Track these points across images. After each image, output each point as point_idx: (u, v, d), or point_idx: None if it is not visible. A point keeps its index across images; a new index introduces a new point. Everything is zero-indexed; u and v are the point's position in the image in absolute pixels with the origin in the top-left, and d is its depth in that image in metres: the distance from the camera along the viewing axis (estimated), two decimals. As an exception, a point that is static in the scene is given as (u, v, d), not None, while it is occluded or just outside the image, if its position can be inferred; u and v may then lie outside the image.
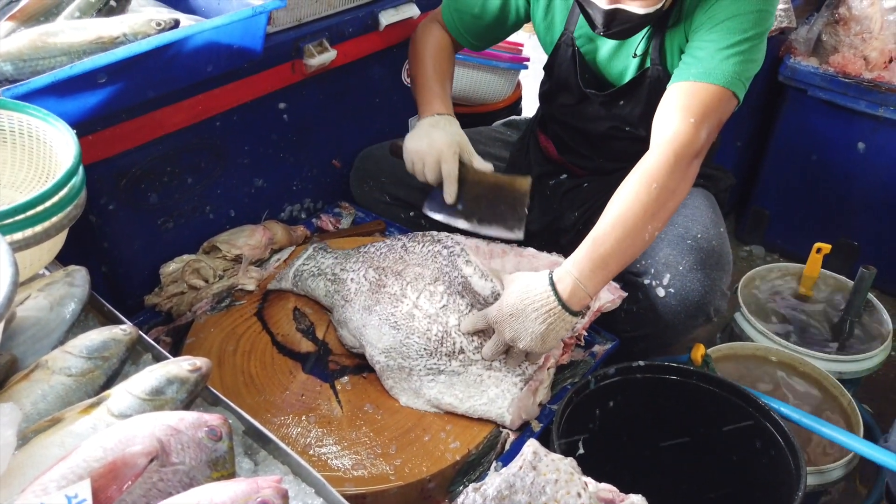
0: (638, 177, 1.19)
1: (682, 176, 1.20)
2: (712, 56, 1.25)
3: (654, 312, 1.37)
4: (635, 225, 1.16)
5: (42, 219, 0.84)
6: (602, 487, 0.86)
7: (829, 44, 2.13)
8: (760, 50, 1.29)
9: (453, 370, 1.24)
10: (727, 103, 1.26)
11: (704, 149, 1.24)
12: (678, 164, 1.19)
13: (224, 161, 1.51)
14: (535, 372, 1.23)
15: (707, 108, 1.23)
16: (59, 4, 1.24)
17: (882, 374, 1.99)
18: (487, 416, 1.22)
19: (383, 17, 1.62)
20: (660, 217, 1.18)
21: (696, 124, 1.22)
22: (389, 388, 1.27)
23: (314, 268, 1.44)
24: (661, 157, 1.19)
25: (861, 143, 2.09)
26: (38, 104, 1.01)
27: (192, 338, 1.37)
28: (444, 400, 1.23)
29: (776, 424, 1.19)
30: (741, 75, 1.25)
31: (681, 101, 1.25)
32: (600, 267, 1.15)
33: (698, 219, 1.39)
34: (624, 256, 1.17)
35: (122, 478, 0.63)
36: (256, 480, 0.66)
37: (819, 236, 1.89)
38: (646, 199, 1.17)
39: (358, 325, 1.31)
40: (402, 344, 1.25)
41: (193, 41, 1.22)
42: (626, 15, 1.28)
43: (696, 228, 1.37)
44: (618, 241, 1.16)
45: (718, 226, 1.41)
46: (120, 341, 0.82)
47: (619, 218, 1.17)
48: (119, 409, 0.72)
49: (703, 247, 1.35)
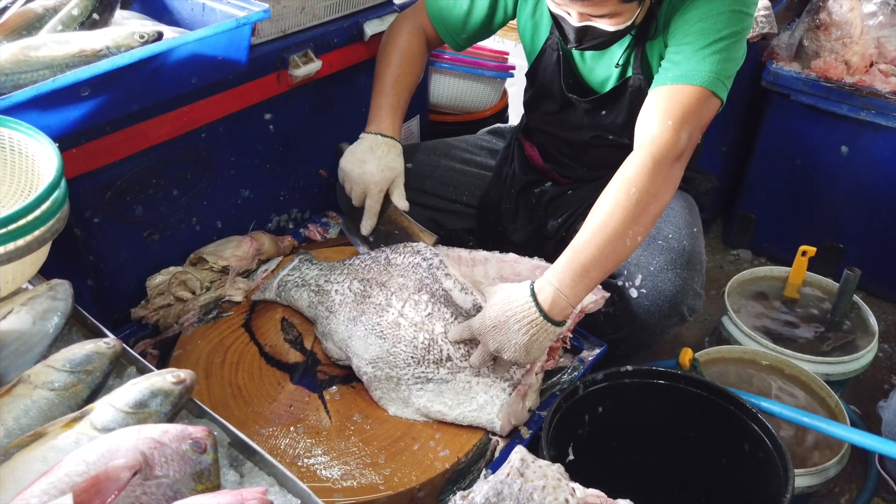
0: (618, 183, 1.19)
1: (662, 179, 1.20)
2: (689, 58, 1.26)
3: (630, 313, 1.38)
4: (615, 231, 1.16)
5: (24, 233, 0.83)
6: (590, 493, 0.86)
7: (810, 49, 2.15)
8: (738, 49, 1.29)
9: (441, 378, 1.23)
10: (708, 103, 1.27)
11: (687, 151, 1.25)
12: (657, 167, 1.19)
13: (210, 172, 1.50)
14: (522, 376, 1.24)
15: (686, 109, 1.24)
16: (41, 18, 1.24)
17: (869, 376, 2.00)
18: (477, 422, 1.22)
19: (368, 27, 1.63)
20: (641, 222, 1.18)
21: (674, 127, 1.22)
22: (378, 399, 1.27)
23: (298, 279, 1.44)
24: (640, 161, 1.20)
25: (844, 147, 2.11)
26: (21, 118, 1.00)
27: (179, 350, 1.36)
28: (434, 408, 1.23)
29: (763, 427, 1.20)
30: (719, 74, 1.25)
31: (660, 104, 1.26)
32: (581, 275, 1.16)
33: (671, 219, 1.40)
34: (606, 263, 1.17)
35: (105, 492, 0.63)
36: (241, 492, 0.66)
37: (805, 239, 1.90)
38: (625, 205, 1.17)
39: (343, 337, 1.31)
40: (389, 353, 1.25)
41: (177, 53, 1.22)
42: (597, 31, 1.30)
43: (668, 229, 1.38)
44: (598, 249, 1.16)
45: (691, 226, 1.42)
46: (104, 355, 0.82)
47: (599, 225, 1.17)
48: (102, 423, 0.72)
49: (673, 247, 1.36)
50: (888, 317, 2.24)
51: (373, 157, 1.43)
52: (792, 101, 2.12)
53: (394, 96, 1.51)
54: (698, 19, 1.26)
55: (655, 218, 1.22)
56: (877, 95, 2.00)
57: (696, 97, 1.25)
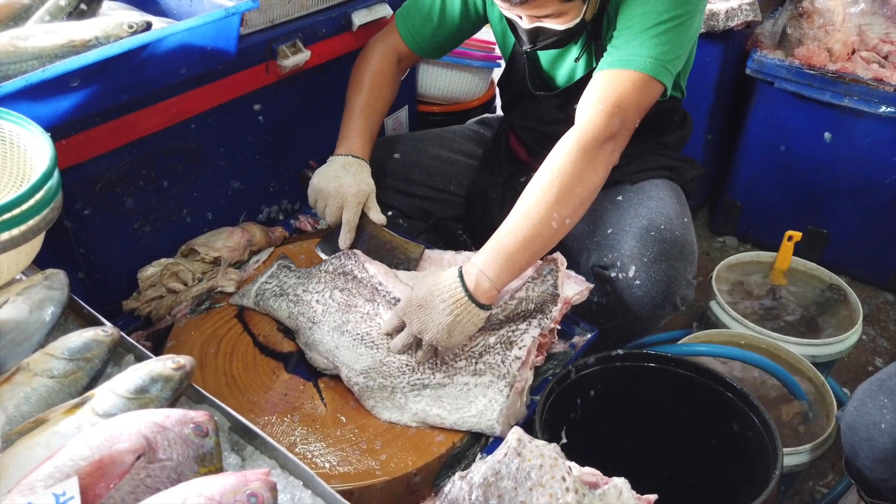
0: (543, 168, 1.21)
1: (588, 162, 1.21)
2: (628, 43, 1.27)
3: (623, 304, 1.39)
4: (538, 214, 1.18)
5: (19, 222, 0.84)
6: (585, 471, 0.88)
7: (793, 37, 2.18)
8: (683, 32, 1.28)
9: (438, 383, 1.22)
10: (644, 88, 1.26)
11: (620, 135, 1.25)
12: (581, 151, 1.20)
13: (200, 164, 1.50)
14: (518, 371, 1.23)
15: (619, 94, 1.24)
16: (28, 8, 1.24)
17: (854, 357, 2.04)
18: (476, 428, 1.20)
19: (356, 17, 1.63)
20: (567, 204, 1.19)
21: (605, 111, 1.23)
22: (371, 408, 1.23)
23: (276, 287, 1.41)
24: (565, 146, 1.22)
25: (827, 133, 2.14)
26: (11, 109, 1.00)
27: (172, 341, 1.36)
28: (432, 412, 1.21)
29: (752, 407, 1.22)
30: (659, 58, 1.25)
31: (594, 89, 1.27)
32: (505, 258, 1.18)
33: (662, 210, 1.42)
34: (531, 246, 1.19)
35: (109, 475, 0.63)
36: (245, 474, 0.66)
37: (790, 225, 1.93)
38: (548, 189, 1.18)
39: (330, 347, 1.28)
40: (382, 363, 1.23)
41: (166, 43, 1.22)
42: (549, 31, 1.32)
43: (660, 220, 1.39)
44: (522, 233, 1.18)
45: (682, 216, 1.43)
46: (102, 342, 0.82)
47: (523, 210, 1.19)
48: (104, 409, 0.72)
49: (666, 238, 1.37)
50: (871, 300, 2.28)
51: (347, 174, 1.43)
52: (776, 88, 2.15)
53: (363, 120, 1.51)
54: (640, 3, 1.27)
55: (585, 200, 1.23)
56: (859, 82, 2.03)
57: (632, 82, 1.25)
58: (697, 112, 2.06)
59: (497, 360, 1.24)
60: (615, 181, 1.51)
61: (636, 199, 1.45)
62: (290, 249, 1.58)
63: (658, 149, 1.57)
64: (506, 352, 1.24)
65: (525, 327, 1.27)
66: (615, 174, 1.52)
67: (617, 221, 1.42)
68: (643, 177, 1.50)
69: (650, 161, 1.53)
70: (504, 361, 1.24)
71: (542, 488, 0.81)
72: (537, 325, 1.27)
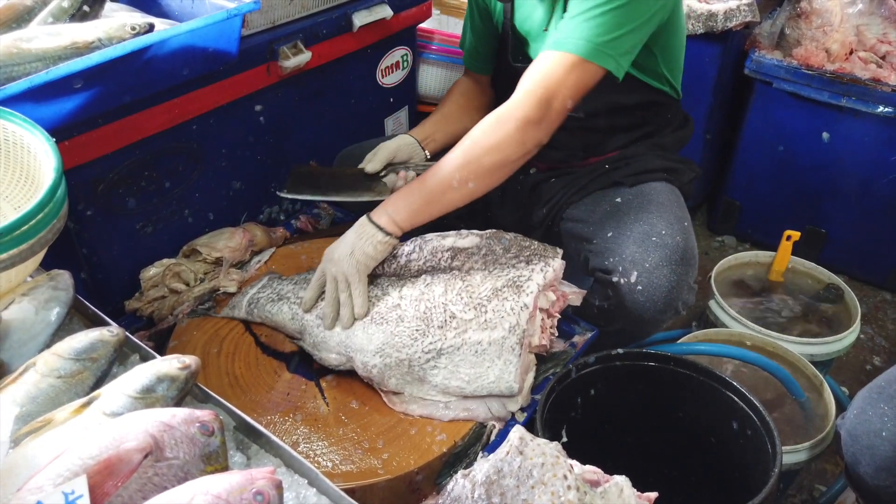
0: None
1: (502, 136, 1.27)
2: (566, 24, 1.28)
3: (625, 309, 1.39)
4: (443, 171, 1.29)
5: (28, 237, 0.84)
6: (587, 469, 0.89)
7: (792, 37, 2.19)
8: (630, 13, 1.26)
9: (451, 345, 1.22)
10: (576, 71, 1.27)
11: (545, 117, 1.28)
12: (497, 124, 1.28)
13: (201, 164, 1.51)
14: (528, 324, 1.22)
15: (549, 76, 1.27)
16: (31, 10, 1.24)
17: (852, 356, 2.05)
18: (497, 391, 1.21)
19: (357, 18, 1.64)
20: (469, 168, 1.28)
21: (532, 93, 1.27)
22: (395, 387, 1.24)
23: (272, 294, 1.41)
24: (486, 118, 1.30)
25: (825, 133, 2.15)
26: (15, 110, 1.00)
27: (174, 341, 1.37)
28: (452, 384, 1.22)
29: (752, 405, 1.23)
30: (595, 41, 1.25)
31: (530, 70, 1.30)
32: (406, 199, 1.31)
33: (663, 215, 1.41)
34: (432, 196, 1.30)
35: (117, 474, 0.64)
36: (251, 472, 0.67)
37: (788, 225, 1.94)
38: (457, 152, 1.29)
39: (342, 339, 1.28)
40: (393, 335, 1.24)
41: (169, 45, 1.23)
42: None
43: (661, 225, 1.39)
44: (426, 184, 1.30)
45: (682, 220, 1.43)
46: (107, 342, 0.83)
47: (434, 167, 1.31)
48: (111, 408, 0.73)
49: (668, 243, 1.36)
50: (869, 299, 2.29)
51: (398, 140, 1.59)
52: (774, 88, 2.16)
53: (431, 116, 1.69)
54: None
55: (491, 170, 1.30)
56: (857, 82, 2.04)
57: (562, 64, 1.27)
58: (696, 112, 2.06)
59: (506, 307, 1.23)
60: (613, 183, 1.51)
61: (636, 202, 1.45)
62: (290, 250, 1.59)
63: (655, 150, 1.57)
64: (515, 298, 1.24)
65: (529, 274, 1.26)
66: (613, 176, 1.53)
67: (617, 225, 1.42)
68: (641, 179, 1.50)
69: (648, 163, 1.53)
70: (513, 310, 1.22)
71: (543, 486, 0.82)
72: (541, 271, 1.27)
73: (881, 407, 1.13)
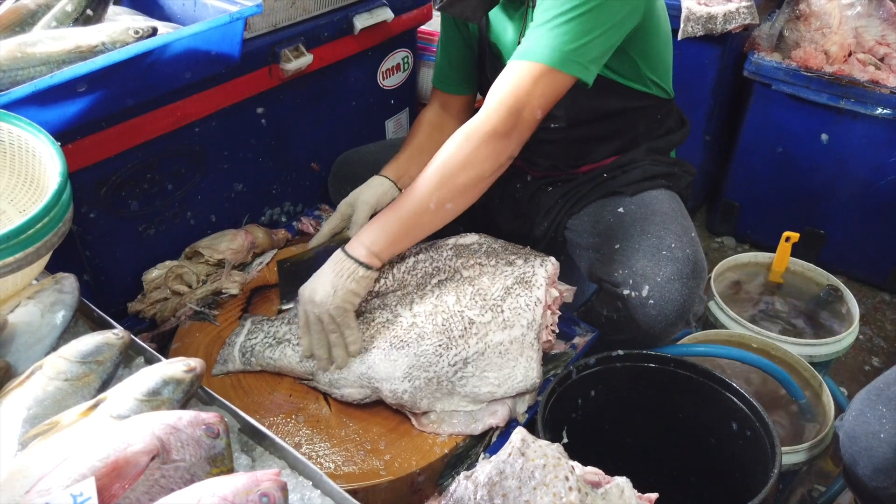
0: (436, 153, 1.27)
1: (472, 151, 1.23)
2: (532, 32, 1.25)
3: (635, 321, 1.38)
4: (419, 195, 1.24)
5: (34, 241, 0.85)
6: (588, 470, 0.90)
7: (790, 39, 2.20)
8: (596, 19, 1.22)
9: (476, 351, 1.20)
10: (544, 80, 1.23)
11: (514, 130, 1.24)
12: (466, 139, 1.24)
13: (204, 167, 1.51)
14: (542, 317, 1.23)
15: (516, 87, 1.23)
16: (34, 14, 1.25)
17: (851, 357, 2.06)
18: (523, 389, 1.22)
19: (358, 20, 1.64)
20: (446, 187, 1.24)
21: (500, 105, 1.23)
22: (427, 407, 1.22)
23: (268, 339, 1.33)
24: (456, 135, 1.26)
25: (824, 135, 2.16)
26: (19, 114, 1.01)
27: (177, 343, 1.38)
28: (482, 391, 1.21)
29: (751, 406, 1.24)
30: (562, 49, 1.21)
31: (497, 82, 1.26)
32: (382, 228, 1.26)
33: (670, 227, 1.40)
34: (409, 222, 1.25)
35: (124, 476, 0.65)
36: (256, 474, 0.68)
37: (787, 226, 1.95)
38: (428, 173, 1.25)
39: (362, 371, 1.23)
40: (417, 356, 1.20)
41: (172, 48, 1.23)
42: None
43: (670, 238, 1.37)
44: (401, 211, 1.25)
45: (689, 231, 1.41)
46: (113, 345, 0.84)
47: (407, 192, 1.27)
48: (117, 411, 0.74)
49: (678, 257, 1.35)
50: (868, 300, 2.30)
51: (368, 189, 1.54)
52: (773, 90, 2.17)
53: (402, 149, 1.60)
54: None
55: (467, 187, 1.25)
56: (855, 84, 2.05)
57: (529, 74, 1.23)
58: (696, 113, 2.07)
59: (521, 303, 1.23)
60: (612, 192, 1.50)
61: (640, 212, 1.43)
62: (291, 251, 1.60)
63: (651, 154, 1.55)
64: (527, 293, 1.24)
65: (532, 269, 1.27)
66: (611, 185, 1.51)
67: (624, 237, 1.40)
68: (642, 188, 1.48)
69: (646, 170, 1.51)
70: (528, 305, 1.23)
71: (545, 487, 0.83)
72: (541, 265, 1.28)
73: (879, 409, 1.13)
